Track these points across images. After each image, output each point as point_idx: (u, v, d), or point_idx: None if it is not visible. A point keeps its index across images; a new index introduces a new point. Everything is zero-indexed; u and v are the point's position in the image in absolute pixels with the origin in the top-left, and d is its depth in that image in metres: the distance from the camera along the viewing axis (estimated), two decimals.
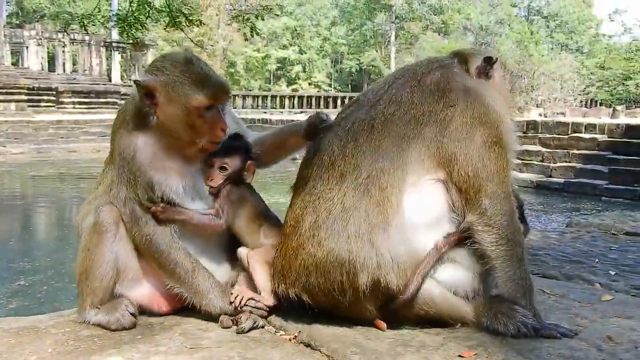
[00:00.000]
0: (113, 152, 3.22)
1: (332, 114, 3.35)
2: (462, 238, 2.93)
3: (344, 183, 2.92)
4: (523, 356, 2.63)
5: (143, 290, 3.21)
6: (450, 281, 2.93)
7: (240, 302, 3.00)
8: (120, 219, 3.13)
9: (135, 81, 3.04)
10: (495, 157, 2.96)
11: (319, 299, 2.93)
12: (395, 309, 2.89)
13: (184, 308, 3.16)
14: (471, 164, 2.92)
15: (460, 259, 2.95)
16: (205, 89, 3.00)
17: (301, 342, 2.86)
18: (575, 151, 20.74)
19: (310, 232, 2.91)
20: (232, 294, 3.04)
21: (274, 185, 14.65)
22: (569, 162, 20.72)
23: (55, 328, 3.08)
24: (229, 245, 3.31)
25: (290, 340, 2.90)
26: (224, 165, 3.12)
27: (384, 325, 2.92)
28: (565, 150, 20.97)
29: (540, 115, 28.66)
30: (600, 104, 52.53)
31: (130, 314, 3.09)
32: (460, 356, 2.62)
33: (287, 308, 3.05)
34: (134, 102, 3.13)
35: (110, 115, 36.65)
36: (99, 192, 3.28)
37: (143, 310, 3.21)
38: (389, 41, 73.84)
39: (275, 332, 2.98)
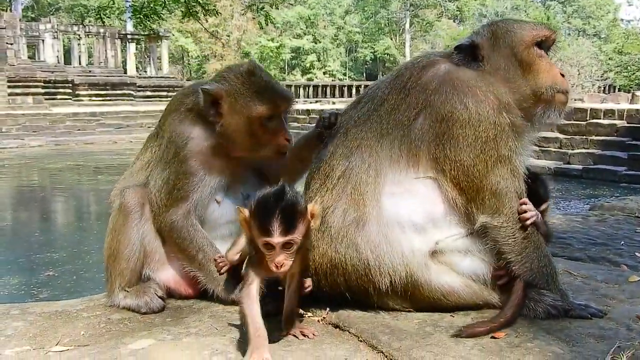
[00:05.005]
0: (162, 132, 3.28)
1: (346, 103, 3.36)
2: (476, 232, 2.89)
3: (324, 185, 2.95)
4: (552, 335, 2.64)
5: (170, 273, 3.26)
6: (470, 269, 2.91)
7: None
8: (146, 200, 3.19)
9: (202, 88, 3.08)
10: (479, 152, 2.81)
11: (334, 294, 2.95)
12: (417, 300, 2.90)
13: None
14: (456, 163, 2.81)
15: (476, 251, 2.91)
16: (265, 99, 3.04)
17: (330, 323, 2.89)
18: (594, 137, 20.47)
19: None
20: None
21: None
22: (588, 148, 20.48)
23: (86, 312, 3.14)
24: None
25: (318, 321, 2.92)
26: (290, 242, 2.48)
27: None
28: (584, 137, 20.71)
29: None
30: (619, 90, 51.69)
31: (159, 297, 3.14)
32: (492, 337, 2.63)
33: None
34: (196, 98, 3.17)
35: (125, 107, 37.00)
36: (136, 168, 3.36)
37: (171, 293, 3.27)
38: (403, 29, 73.32)
39: (304, 313, 3.00)
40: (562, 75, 2.96)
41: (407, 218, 2.84)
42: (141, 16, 16.92)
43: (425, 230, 2.86)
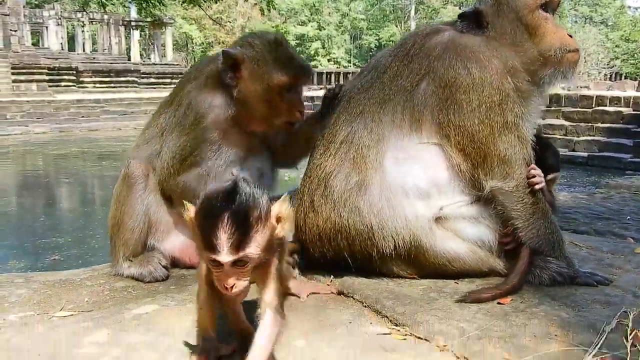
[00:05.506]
0: (178, 98, 3.24)
1: None
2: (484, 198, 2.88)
3: (327, 150, 2.96)
4: (558, 301, 2.62)
5: (175, 243, 3.25)
6: (476, 236, 2.90)
7: None
8: (151, 170, 3.19)
9: (224, 51, 3.06)
10: (484, 117, 2.79)
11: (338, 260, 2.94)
12: (422, 265, 2.89)
13: None
14: (461, 129, 2.80)
15: (482, 218, 2.91)
16: (288, 69, 3.04)
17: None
18: (600, 124, 20.43)
19: (308, 200, 2.94)
20: None
21: None
22: (593, 135, 20.42)
23: (90, 280, 3.14)
24: None
25: None
26: (241, 259, 1.85)
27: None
28: (589, 124, 20.66)
29: (563, 88, 28.16)
30: (626, 77, 51.46)
31: (163, 266, 3.14)
32: (499, 303, 2.62)
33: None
34: (216, 65, 3.14)
35: (129, 94, 36.94)
36: (150, 134, 3.32)
37: (175, 263, 3.26)
38: (408, 16, 72.87)
39: (308, 281, 2.99)
40: (570, 36, 2.93)
41: (410, 183, 2.82)
42: (143, 3, 16.89)
43: (429, 196, 2.84)
